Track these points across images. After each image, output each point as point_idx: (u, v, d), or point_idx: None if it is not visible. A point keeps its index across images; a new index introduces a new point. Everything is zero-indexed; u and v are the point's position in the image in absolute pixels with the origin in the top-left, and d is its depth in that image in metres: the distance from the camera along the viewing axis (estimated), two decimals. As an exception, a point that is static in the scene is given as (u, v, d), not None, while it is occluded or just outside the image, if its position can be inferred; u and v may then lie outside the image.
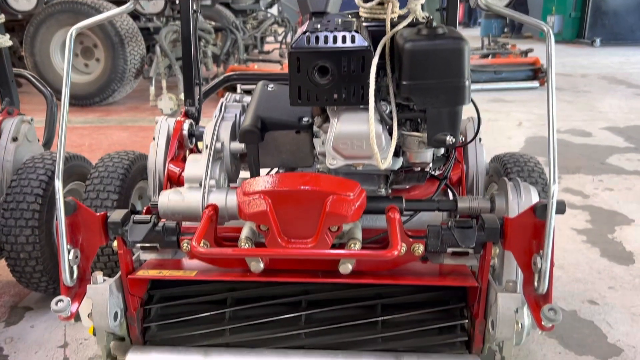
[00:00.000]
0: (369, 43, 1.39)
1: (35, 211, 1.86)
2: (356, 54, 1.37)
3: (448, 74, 1.34)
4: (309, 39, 1.38)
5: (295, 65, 1.38)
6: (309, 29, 1.41)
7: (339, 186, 1.43)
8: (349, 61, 1.37)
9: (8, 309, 2.00)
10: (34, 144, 2.16)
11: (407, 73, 1.34)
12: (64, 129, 1.45)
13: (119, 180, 1.97)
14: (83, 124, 5.07)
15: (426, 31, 1.37)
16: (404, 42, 1.35)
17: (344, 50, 1.37)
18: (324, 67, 1.38)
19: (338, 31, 1.40)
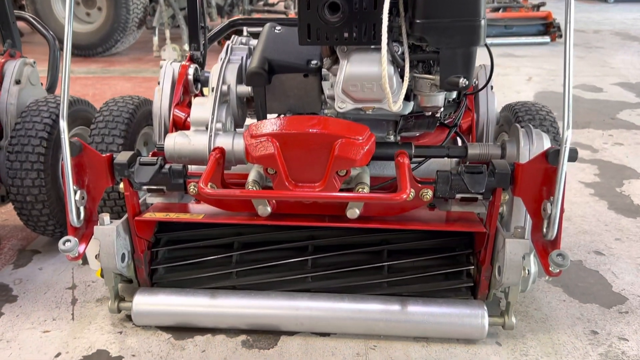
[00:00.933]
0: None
1: (40, 154, 1.85)
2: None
3: (464, 12, 1.29)
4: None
5: (305, 2, 1.33)
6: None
7: (348, 130, 1.40)
8: (363, 5, 1.32)
9: (16, 252, 2.01)
10: (38, 87, 2.13)
11: (422, 11, 1.29)
12: (68, 68, 1.42)
13: (124, 125, 1.94)
14: (86, 74, 5.01)
15: (441, -33, 1.31)
16: (418, -22, 1.30)
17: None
18: (334, 4, 1.33)
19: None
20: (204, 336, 1.55)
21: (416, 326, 1.52)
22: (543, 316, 1.65)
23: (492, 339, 1.54)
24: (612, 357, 1.48)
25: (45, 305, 1.70)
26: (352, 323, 1.53)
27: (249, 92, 1.69)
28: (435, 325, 1.51)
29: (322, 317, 1.53)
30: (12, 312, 1.66)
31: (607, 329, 1.60)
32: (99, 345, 1.52)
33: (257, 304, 1.55)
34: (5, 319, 1.63)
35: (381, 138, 1.68)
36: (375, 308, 1.52)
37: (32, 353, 1.48)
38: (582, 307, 1.70)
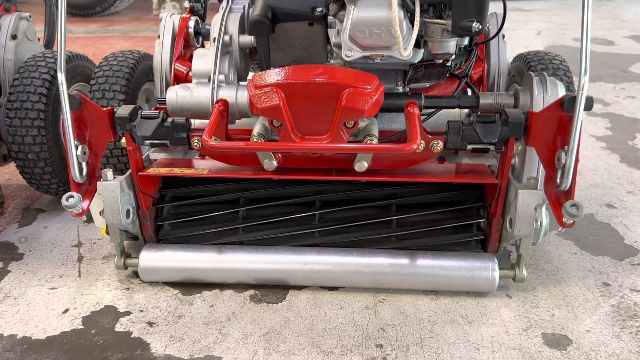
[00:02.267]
0: None
1: (40, 111, 1.81)
2: None
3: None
4: None
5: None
6: None
7: (356, 79, 1.35)
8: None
9: (20, 211, 2.00)
10: (35, 42, 2.07)
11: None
12: (63, 18, 1.36)
13: (124, 80, 1.89)
14: (85, 34, 4.92)
15: None
16: None
17: None
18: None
19: None
20: (211, 291, 1.54)
21: (425, 279, 1.50)
22: (554, 269, 1.63)
23: (502, 291, 1.52)
24: (624, 308, 1.47)
25: (52, 262, 1.69)
26: (360, 277, 1.51)
27: (251, 43, 1.63)
28: (445, 279, 1.49)
29: (330, 271, 1.52)
30: (19, 270, 1.66)
31: (619, 280, 1.58)
32: (106, 301, 1.51)
33: (264, 258, 1.53)
34: (12, 277, 1.62)
35: (389, 89, 1.62)
36: (384, 262, 1.50)
37: (40, 309, 1.48)
38: (594, 259, 1.68)
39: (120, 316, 1.45)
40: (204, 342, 1.36)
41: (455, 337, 1.36)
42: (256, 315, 1.45)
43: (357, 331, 1.38)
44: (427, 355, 1.31)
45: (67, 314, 1.46)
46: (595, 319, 1.43)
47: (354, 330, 1.39)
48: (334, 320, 1.43)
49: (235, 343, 1.35)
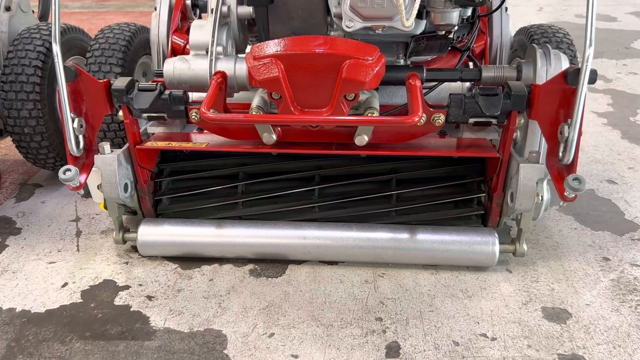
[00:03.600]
0: None
1: (35, 84, 1.78)
2: None
3: None
4: None
5: None
6: None
7: (356, 50, 1.33)
8: None
9: (17, 186, 1.98)
10: (29, 14, 2.03)
11: None
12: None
13: (121, 53, 1.86)
14: (80, 9, 4.84)
15: None
16: None
17: None
18: None
19: None
20: (211, 265, 1.54)
21: (425, 254, 1.50)
22: (554, 244, 1.63)
23: (502, 266, 1.52)
24: (624, 282, 1.46)
25: (50, 237, 1.68)
26: (360, 251, 1.51)
27: (250, 14, 1.59)
28: (445, 253, 1.49)
29: (329, 246, 1.51)
30: (17, 244, 1.65)
31: (619, 255, 1.58)
32: (105, 275, 1.50)
33: (264, 233, 1.53)
34: (10, 251, 1.62)
35: (391, 62, 1.60)
36: (384, 236, 1.50)
37: (39, 283, 1.47)
38: (594, 234, 1.67)
39: (119, 290, 1.45)
40: (203, 315, 1.36)
41: (455, 311, 1.36)
42: (256, 289, 1.45)
43: (356, 305, 1.38)
44: (426, 328, 1.31)
45: (66, 287, 1.46)
46: (595, 293, 1.43)
47: (353, 304, 1.39)
48: (333, 294, 1.43)
49: (235, 316, 1.35)
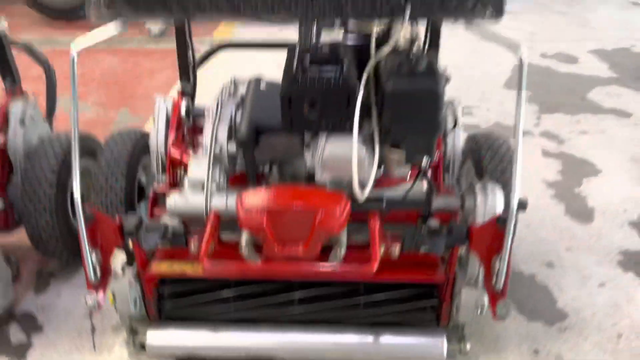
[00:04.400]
0: (354, 80, 1.51)
1: (50, 196, 2.05)
2: (342, 92, 1.49)
3: (425, 111, 1.48)
4: (299, 80, 1.50)
5: (287, 103, 1.51)
6: (299, 67, 1.52)
7: (327, 201, 1.61)
8: (336, 98, 1.50)
9: (35, 276, 2.25)
10: (40, 123, 2.28)
11: (388, 111, 1.48)
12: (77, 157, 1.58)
13: (125, 164, 2.12)
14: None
15: (406, 68, 1.49)
16: (385, 81, 1.48)
17: (331, 90, 1.49)
18: (313, 101, 1.51)
19: (325, 70, 1.51)
20: (209, 364, 1.84)
21: (387, 355, 1.81)
22: (495, 336, 1.95)
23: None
24: (548, 376, 1.80)
25: (68, 334, 1.97)
26: (330, 352, 1.82)
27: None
28: (401, 354, 1.81)
29: (308, 347, 1.82)
30: (41, 343, 1.93)
31: (547, 347, 1.91)
32: (120, 375, 1.80)
33: (251, 336, 1.83)
34: (37, 351, 1.90)
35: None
36: (351, 339, 1.81)
37: (64, 384, 1.77)
38: (529, 325, 2.00)
39: (133, 391, 1.75)
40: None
41: (409, 408, 1.68)
42: (246, 388, 1.75)
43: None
44: None
45: (88, 390, 1.75)
46: (523, 388, 1.76)
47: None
48: (310, 392, 1.74)
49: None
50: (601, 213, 2.62)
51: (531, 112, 3.65)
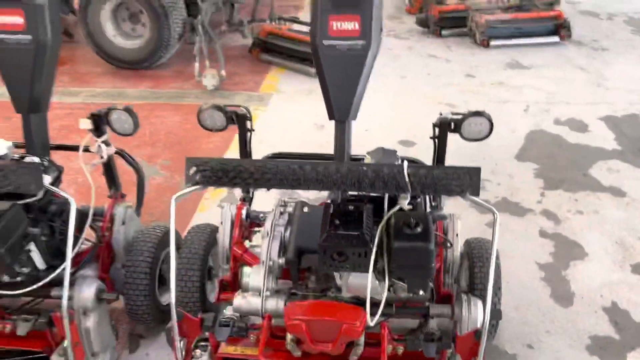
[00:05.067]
0: (370, 234, 2.13)
1: (144, 281, 2.74)
2: (361, 247, 2.11)
3: (420, 261, 2.10)
4: (331, 236, 2.13)
5: (322, 251, 2.14)
6: (332, 224, 2.15)
7: (350, 316, 2.24)
8: (357, 251, 2.13)
9: (127, 337, 2.96)
10: (134, 220, 2.98)
11: (393, 258, 2.10)
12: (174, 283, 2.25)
13: (200, 259, 2.80)
14: (138, 99, 5.77)
15: (408, 230, 2.10)
16: (392, 239, 2.09)
17: (353, 246, 2.12)
18: (341, 252, 2.14)
19: (350, 227, 2.14)
20: (260, 420, 2.49)
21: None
22: (476, 409, 2.54)
23: None
24: None
25: (156, 389, 2.66)
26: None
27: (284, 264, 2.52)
28: None
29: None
30: (137, 396, 2.63)
31: (516, 422, 2.49)
32: None
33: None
34: (134, 404, 2.60)
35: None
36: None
37: None
38: (505, 401, 2.58)
39: None
40: None
41: None
42: None
43: None
44: None
45: None
46: None
47: None
48: None
49: None
50: (580, 297, 3.16)
51: (536, 187, 4.19)
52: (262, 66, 6.64)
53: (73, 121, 4.55)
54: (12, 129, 2.80)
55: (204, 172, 2.18)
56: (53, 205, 2.57)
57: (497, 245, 2.10)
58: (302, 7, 8.90)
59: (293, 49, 6.33)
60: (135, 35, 6.46)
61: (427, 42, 7.61)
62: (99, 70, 6.57)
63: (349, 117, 2.45)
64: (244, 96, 5.89)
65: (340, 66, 2.40)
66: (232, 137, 4.64)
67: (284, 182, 2.13)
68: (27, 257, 2.37)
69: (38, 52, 2.51)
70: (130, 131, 2.73)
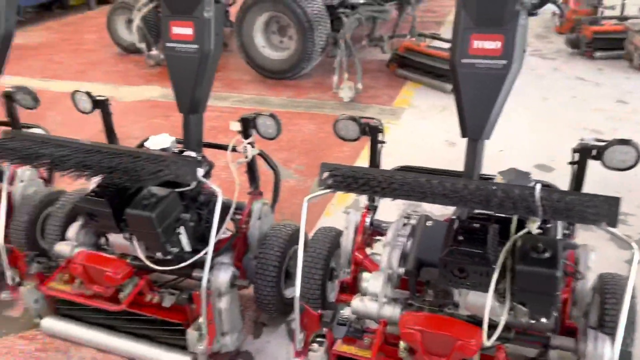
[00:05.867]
0: (494, 254, 2.12)
1: (273, 274, 2.96)
2: (484, 266, 2.11)
3: (544, 288, 2.05)
4: (453, 251, 2.15)
5: (443, 265, 2.17)
6: (455, 239, 2.18)
7: (465, 333, 2.24)
8: (480, 272, 2.13)
9: (252, 324, 3.20)
10: (269, 216, 3.22)
11: (517, 281, 2.07)
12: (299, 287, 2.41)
13: (324, 258, 2.96)
14: (279, 107, 6.16)
15: (535, 255, 2.06)
16: (518, 260, 2.06)
17: (475, 264, 2.12)
18: (462, 270, 2.15)
19: (473, 244, 2.14)
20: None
21: None
22: None
23: None
24: None
25: (275, 377, 2.86)
26: None
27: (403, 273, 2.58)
28: None
29: None
30: (256, 379, 2.85)
31: None
32: (307, 415, 2.61)
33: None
34: (251, 388, 2.82)
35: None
36: None
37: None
38: None
39: None
40: None
41: None
42: None
43: None
44: None
45: (286, 421, 2.60)
46: None
47: None
48: None
49: None
50: None
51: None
52: (397, 81, 6.75)
53: (222, 123, 5.02)
54: (170, 126, 3.17)
55: (336, 177, 2.32)
56: (202, 195, 2.89)
57: (634, 282, 1.99)
58: (443, 24, 8.88)
59: (430, 65, 6.36)
60: (282, 47, 6.91)
61: (576, 63, 7.21)
62: (247, 78, 7.12)
63: (482, 136, 2.45)
64: (377, 109, 6.04)
65: (478, 85, 2.42)
66: (363, 147, 4.79)
67: (410, 193, 2.20)
68: (177, 239, 2.69)
69: (202, 60, 2.83)
70: (273, 135, 2.97)
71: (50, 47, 9.19)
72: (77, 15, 11.50)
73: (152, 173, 2.49)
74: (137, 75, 7.53)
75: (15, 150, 2.66)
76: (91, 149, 2.61)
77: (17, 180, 3.45)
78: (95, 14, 11.06)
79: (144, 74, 7.55)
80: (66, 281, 2.84)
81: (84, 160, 2.56)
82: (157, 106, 6.36)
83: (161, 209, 2.53)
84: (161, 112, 6.12)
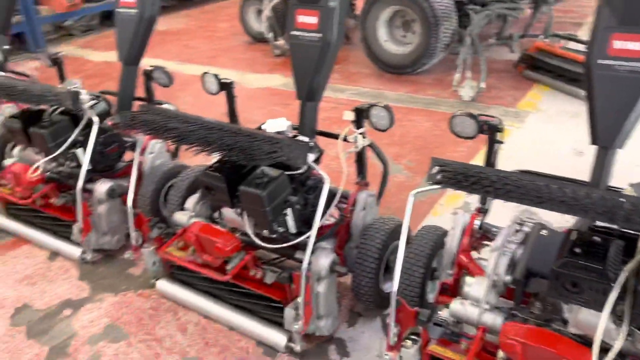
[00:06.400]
0: (613, 273, 1.94)
1: (373, 266, 2.95)
2: (601, 283, 1.94)
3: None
4: (569, 263, 2.00)
5: (555, 276, 2.03)
6: (572, 250, 2.02)
7: (572, 352, 2.08)
8: (595, 289, 1.96)
9: (348, 312, 3.22)
10: (374, 208, 3.21)
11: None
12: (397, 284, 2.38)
13: (426, 256, 2.90)
14: (396, 102, 6.09)
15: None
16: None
17: (591, 281, 1.96)
18: (575, 284, 2.00)
19: (592, 259, 1.98)
20: None
21: None
22: None
23: None
24: None
25: (368, 366, 2.86)
26: None
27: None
28: None
29: None
30: (347, 366, 2.87)
31: None
32: (393, 410, 2.59)
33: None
34: (345, 371, 2.84)
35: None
36: None
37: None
38: None
39: None
40: None
41: None
42: None
43: None
44: None
45: (372, 413, 2.59)
46: None
47: None
48: None
49: None
50: None
51: None
52: (524, 82, 6.40)
53: (337, 114, 5.07)
54: (288, 114, 3.26)
55: (446, 172, 2.26)
56: (310, 180, 2.95)
57: None
58: (582, 25, 8.27)
59: (563, 68, 5.94)
60: (404, 42, 6.84)
61: None
62: (366, 71, 7.14)
63: (614, 144, 2.25)
64: (499, 110, 5.78)
65: (616, 88, 2.22)
66: (479, 148, 4.62)
67: (526, 197, 2.08)
68: (283, 220, 2.78)
69: (323, 48, 2.88)
70: (385, 127, 2.95)
71: (187, 33, 9.87)
72: (214, 4, 12.23)
73: (266, 153, 2.59)
74: (262, 63, 7.85)
75: (148, 122, 2.90)
76: (214, 126, 2.78)
77: (148, 151, 3.76)
78: (229, 3, 11.66)
79: (269, 62, 7.85)
80: (181, 248, 3.05)
81: (206, 136, 2.73)
82: (277, 94, 6.59)
83: (271, 189, 2.62)
84: (281, 100, 6.34)
